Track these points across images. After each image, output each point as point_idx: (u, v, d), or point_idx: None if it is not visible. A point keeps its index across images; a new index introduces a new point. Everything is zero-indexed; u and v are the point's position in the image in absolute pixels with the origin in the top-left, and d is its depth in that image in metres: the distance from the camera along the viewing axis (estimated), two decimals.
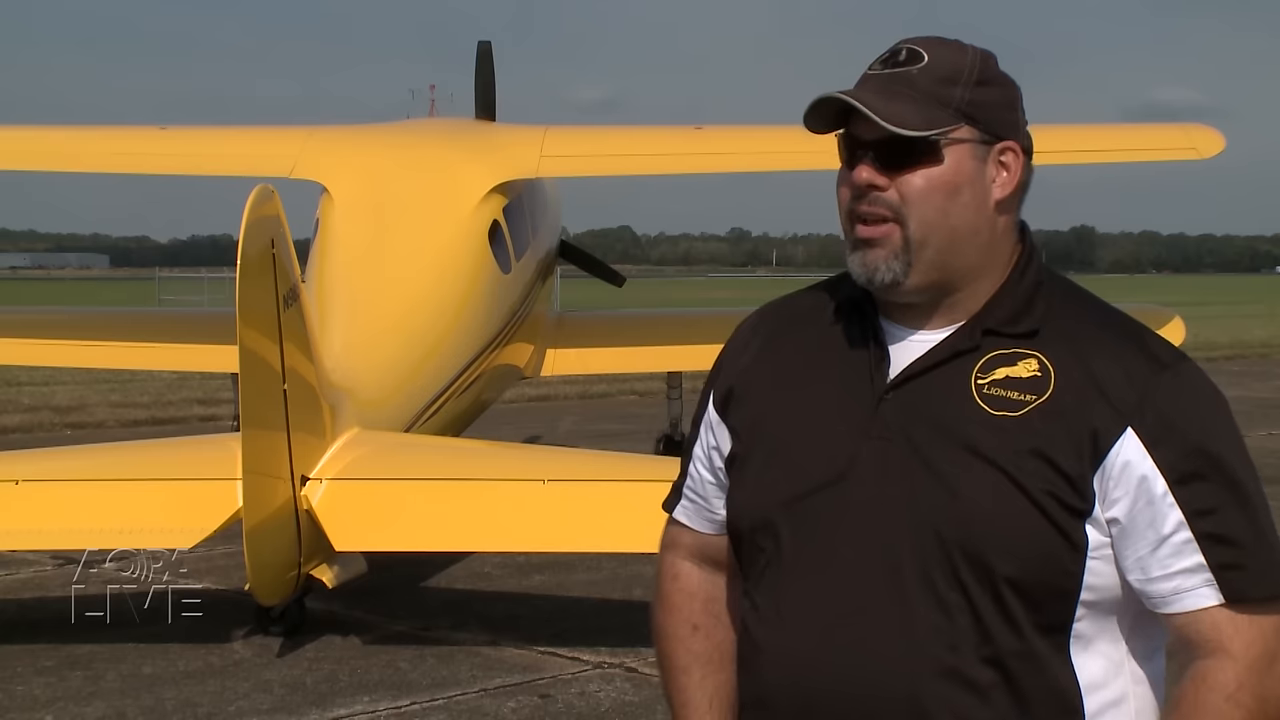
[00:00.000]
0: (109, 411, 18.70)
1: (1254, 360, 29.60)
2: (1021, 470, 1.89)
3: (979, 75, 1.97)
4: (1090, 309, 2.02)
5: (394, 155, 10.77)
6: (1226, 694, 1.85)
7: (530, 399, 19.15)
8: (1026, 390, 1.92)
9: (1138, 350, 1.95)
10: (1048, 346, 1.95)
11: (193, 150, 11.77)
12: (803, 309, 2.13)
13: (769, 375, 2.08)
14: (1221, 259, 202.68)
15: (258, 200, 6.81)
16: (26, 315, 15.03)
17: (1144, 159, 11.81)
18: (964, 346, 1.97)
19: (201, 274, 57.06)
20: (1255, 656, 1.87)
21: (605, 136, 13.01)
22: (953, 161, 1.95)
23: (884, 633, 1.92)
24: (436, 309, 9.35)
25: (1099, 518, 1.90)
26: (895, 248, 1.95)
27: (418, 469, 7.86)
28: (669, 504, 2.24)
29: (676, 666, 2.17)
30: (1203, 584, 1.88)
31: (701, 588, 2.18)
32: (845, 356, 2.03)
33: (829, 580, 1.95)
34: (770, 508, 2.01)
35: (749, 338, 2.15)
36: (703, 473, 2.16)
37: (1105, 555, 1.91)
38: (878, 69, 1.98)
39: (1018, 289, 2.00)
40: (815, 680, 1.95)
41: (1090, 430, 1.89)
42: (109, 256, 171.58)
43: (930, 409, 1.95)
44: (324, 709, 6.68)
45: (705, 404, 2.16)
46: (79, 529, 7.48)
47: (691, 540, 2.20)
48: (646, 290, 54.17)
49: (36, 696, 6.89)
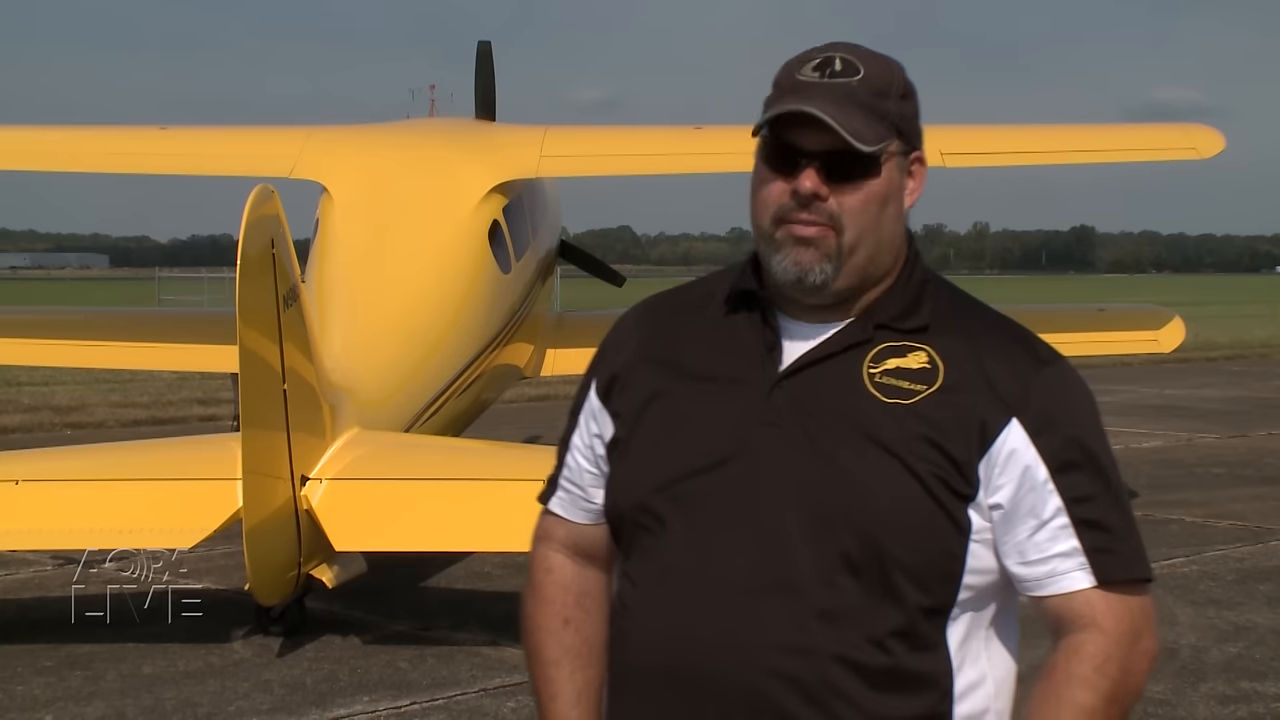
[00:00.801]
0: (109, 411, 18.71)
1: (1254, 360, 29.64)
2: (914, 455, 1.97)
3: (902, 88, 2.06)
4: (975, 309, 2.12)
5: (394, 155, 10.77)
6: (1095, 665, 1.97)
7: (530, 399, 19.15)
8: (917, 380, 2.01)
9: (1022, 348, 2.06)
10: (936, 341, 2.05)
11: (193, 150, 11.76)
12: (690, 300, 2.18)
13: (655, 362, 2.12)
14: (1221, 259, 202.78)
15: (258, 200, 6.81)
16: (26, 315, 15.02)
17: (1144, 159, 11.81)
18: (857, 339, 2.05)
19: (201, 274, 57.07)
20: (1123, 632, 1.99)
21: (605, 136, 13.01)
22: (887, 174, 2.04)
23: (771, 613, 1.96)
24: (436, 309, 9.35)
25: (982, 503, 1.99)
26: (829, 250, 2.02)
27: (418, 469, 7.86)
28: (544, 496, 2.26)
29: (547, 659, 2.19)
30: (1077, 567, 2.00)
31: (575, 581, 2.21)
32: (736, 345, 2.08)
33: (716, 560, 1.99)
34: (656, 487, 2.04)
35: (632, 329, 2.19)
36: (581, 463, 2.20)
37: (985, 539, 2.00)
38: (814, 76, 2.01)
39: (907, 287, 2.09)
40: (698, 659, 1.98)
41: (978, 420, 1.98)
42: (109, 256, 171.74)
43: (823, 397, 2.02)
44: (324, 709, 6.68)
45: (585, 394, 2.19)
46: (79, 529, 7.48)
47: (566, 532, 2.23)
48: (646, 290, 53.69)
49: (36, 696, 6.89)
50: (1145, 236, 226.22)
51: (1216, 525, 11.19)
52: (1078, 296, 56.98)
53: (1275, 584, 9.16)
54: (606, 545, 2.20)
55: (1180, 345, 12.03)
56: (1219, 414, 19.32)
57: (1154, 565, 2.09)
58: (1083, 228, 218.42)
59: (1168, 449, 15.85)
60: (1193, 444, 16.31)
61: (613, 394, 2.14)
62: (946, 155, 10.65)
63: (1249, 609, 8.46)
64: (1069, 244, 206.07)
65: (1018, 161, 11.73)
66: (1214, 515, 11.60)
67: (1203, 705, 6.62)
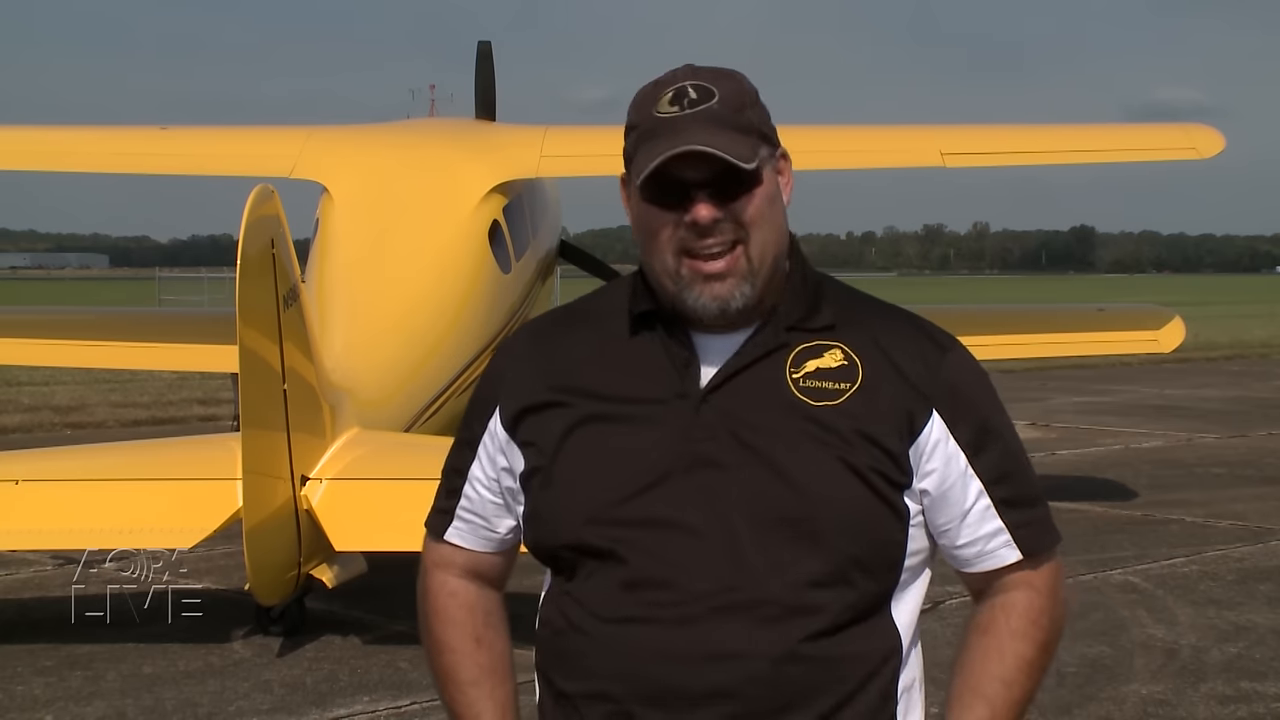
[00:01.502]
0: (109, 411, 18.71)
1: (1254, 360, 29.64)
2: (849, 451, 2.03)
3: (753, 97, 2.11)
4: (870, 303, 2.19)
5: (394, 155, 10.77)
6: (1031, 618, 2.13)
7: None
8: (839, 379, 2.07)
9: (924, 337, 2.15)
10: (845, 338, 2.11)
11: (193, 150, 11.76)
12: (586, 321, 2.18)
13: (565, 390, 2.11)
14: (1221, 259, 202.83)
15: (258, 200, 6.81)
16: (26, 315, 15.03)
17: (1144, 159, 11.81)
18: (773, 344, 2.09)
19: (202, 274, 57.04)
20: (1048, 588, 2.16)
21: (605, 136, 12.96)
22: (767, 178, 2.09)
23: (729, 618, 1.99)
24: (436, 309, 9.34)
25: (914, 489, 2.08)
26: (743, 272, 2.06)
27: (418, 469, 7.81)
28: (437, 527, 2.26)
29: (463, 680, 2.21)
30: (1003, 544, 2.13)
31: (479, 602, 2.24)
32: (649, 365, 2.09)
33: (671, 575, 2.00)
34: (593, 515, 2.04)
35: (527, 357, 2.18)
36: (484, 494, 2.20)
37: (919, 523, 2.11)
38: (674, 110, 2.03)
39: (804, 287, 2.14)
40: (662, 667, 2.00)
41: (905, 411, 2.07)
42: (109, 256, 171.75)
43: (752, 406, 2.05)
44: (324, 709, 6.68)
45: (484, 425, 2.18)
46: (79, 529, 7.47)
47: (465, 559, 2.24)
48: None
49: (36, 696, 6.89)
50: (1145, 236, 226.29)
51: (1217, 525, 11.18)
52: (1078, 296, 56.99)
53: (1275, 584, 9.16)
54: (503, 571, 2.26)
55: (1180, 345, 12.03)
56: (1219, 414, 19.31)
57: (1154, 565, 2.12)
58: (1083, 228, 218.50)
59: (1168, 449, 15.84)
60: (1193, 444, 16.31)
61: (521, 425, 2.13)
62: (946, 155, 10.65)
63: (1249, 609, 8.45)
64: (1069, 244, 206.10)
65: (1018, 161, 11.73)
66: (1214, 515, 11.59)
67: (1203, 705, 6.62)
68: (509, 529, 2.21)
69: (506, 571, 2.27)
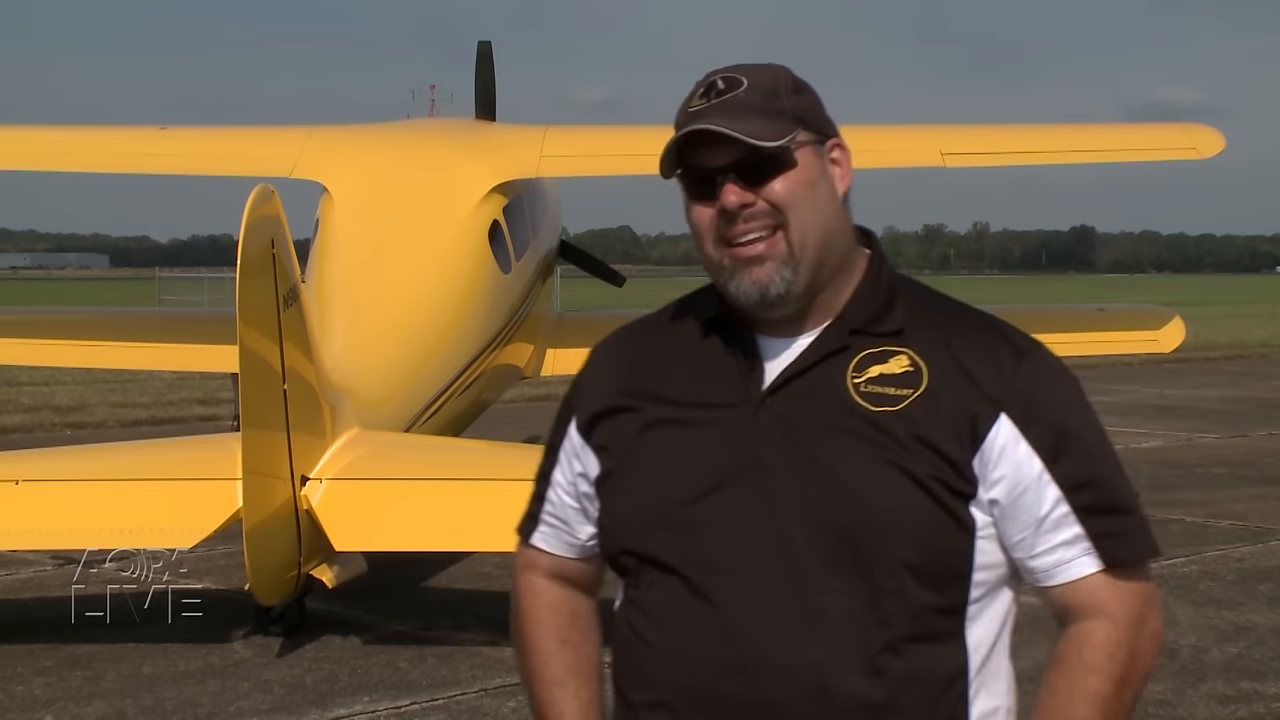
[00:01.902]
0: (109, 411, 18.72)
1: (1254, 360, 29.65)
2: (908, 459, 1.97)
3: (793, 85, 2.08)
4: (946, 304, 2.12)
5: (394, 155, 10.77)
6: (1106, 652, 1.99)
7: (530, 399, 19.14)
8: (902, 385, 2.01)
9: (999, 339, 2.07)
10: (914, 342, 2.04)
11: (193, 150, 11.76)
12: (665, 328, 2.17)
13: (639, 395, 2.11)
14: (1222, 259, 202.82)
15: (258, 200, 6.81)
16: (26, 315, 15.03)
17: (1144, 159, 11.80)
18: (834, 347, 2.05)
19: (202, 274, 57.07)
20: (1129, 616, 2.01)
21: (605, 136, 13.00)
22: (804, 162, 2.05)
23: (784, 630, 1.96)
24: (436, 309, 9.34)
25: (982, 499, 1.99)
26: (782, 256, 2.02)
27: (418, 469, 7.86)
28: (525, 530, 2.26)
29: (550, 680, 2.19)
30: (1082, 553, 2.01)
31: (565, 604, 2.23)
32: (718, 368, 2.08)
33: (725, 585, 1.98)
34: (655, 522, 2.04)
35: (608, 362, 2.19)
36: (565, 499, 2.20)
37: (990, 535, 2.01)
38: (702, 104, 2.03)
39: (876, 289, 2.09)
40: (721, 679, 1.97)
41: (967, 417, 1.99)
42: (109, 256, 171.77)
43: (811, 411, 2.02)
44: (324, 709, 6.68)
45: (564, 430, 2.19)
46: (79, 529, 7.47)
47: (550, 563, 2.23)
48: (646, 290, 54.12)
49: (36, 696, 6.89)
50: (1145, 236, 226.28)
51: (1217, 525, 11.18)
52: (1078, 296, 56.98)
53: (1275, 584, 9.16)
54: (592, 576, 2.23)
55: (1180, 345, 12.02)
56: (1219, 414, 19.31)
57: (1154, 565, 2.09)
58: (1083, 228, 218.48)
59: (1168, 449, 15.85)
60: (1193, 444, 16.31)
61: (596, 430, 2.13)
62: (946, 155, 10.65)
63: (1249, 609, 8.46)
64: (1069, 244, 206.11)
65: (1018, 161, 11.73)
66: (1214, 515, 11.60)
67: (1203, 705, 6.62)
68: (589, 535, 2.19)
69: (596, 578, 2.24)
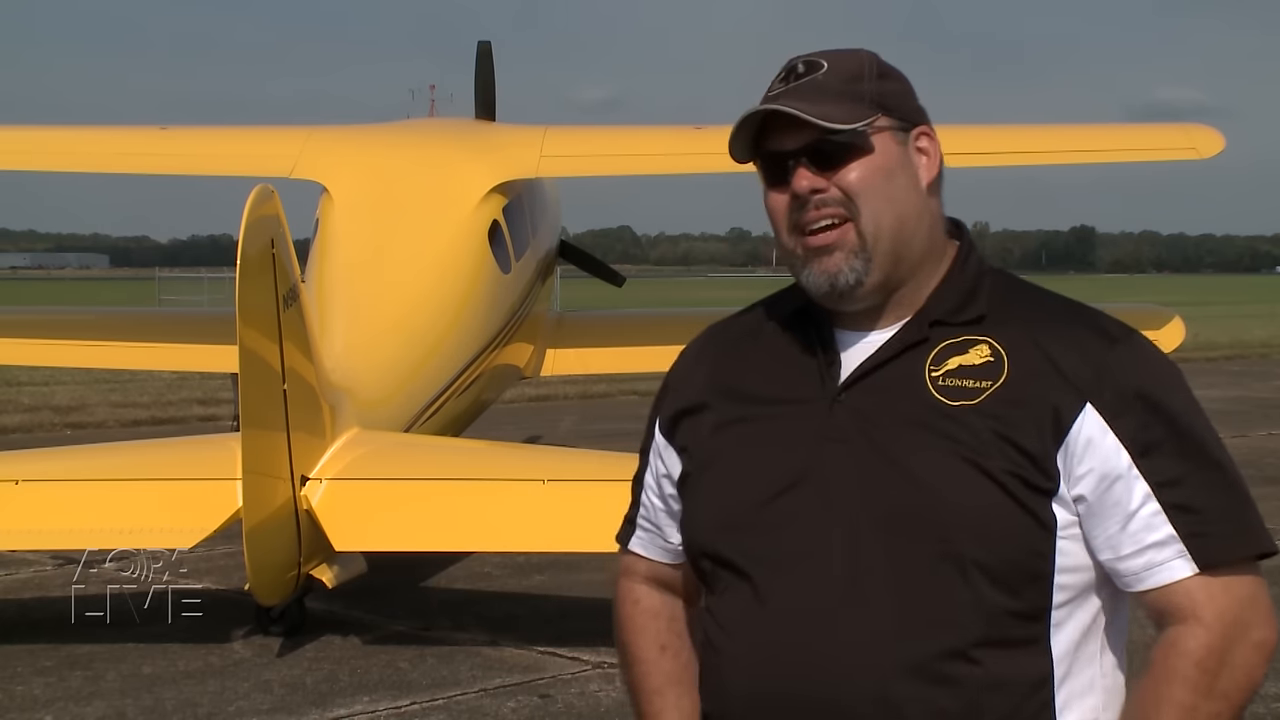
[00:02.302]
0: (109, 411, 18.71)
1: (1254, 360, 29.64)
2: (984, 454, 1.88)
3: (878, 70, 2.02)
4: (1035, 294, 2.04)
5: (394, 155, 10.77)
6: (1196, 660, 1.87)
7: (530, 399, 19.14)
8: (981, 377, 1.93)
9: (1088, 327, 1.97)
10: (996, 331, 1.96)
11: (193, 150, 11.76)
12: (748, 325, 2.13)
13: (718, 393, 2.07)
14: (1221, 259, 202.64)
15: (257, 200, 6.81)
16: (26, 315, 15.03)
17: (1144, 159, 11.80)
18: (913, 340, 1.98)
19: (201, 274, 57.03)
20: (1227, 624, 1.88)
21: (605, 136, 13.01)
22: (881, 148, 1.98)
23: (854, 633, 1.90)
24: (436, 309, 9.35)
25: (1065, 496, 1.90)
26: (852, 246, 1.96)
27: (417, 469, 7.86)
28: (623, 536, 2.23)
29: (650, 689, 2.15)
30: (1175, 555, 1.89)
31: (664, 609, 2.18)
32: (796, 364, 2.03)
33: (796, 583, 1.94)
34: (728, 522, 2.00)
35: (695, 361, 2.15)
36: (654, 501, 2.16)
37: (1074, 535, 1.91)
38: (780, 87, 1.99)
39: (961, 280, 2.02)
40: (786, 688, 1.93)
41: (1050, 408, 1.89)
42: (109, 256, 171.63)
43: (887, 405, 1.95)
44: (324, 709, 6.68)
45: (652, 431, 2.16)
46: (79, 529, 7.48)
47: (647, 568, 2.20)
48: (646, 290, 54.12)
49: (36, 696, 6.89)
50: (1145, 236, 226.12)
51: None
52: (1078, 296, 56.62)
53: (1275, 585, 9.14)
54: (687, 582, 2.17)
55: (1180, 345, 11.99)
56: (1219, 414, 19.16)
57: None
58: (1082, 228, 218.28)
59: None
60: None
61: (678, 430, 2.10)
62: (946, 155, 10.63)
63: None
64: (1069, 244, 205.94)
65: (1017, 161, 11.72)
66: None
67: None
68: (679, 541, 2.13)
69: (694, 583, 2.15)
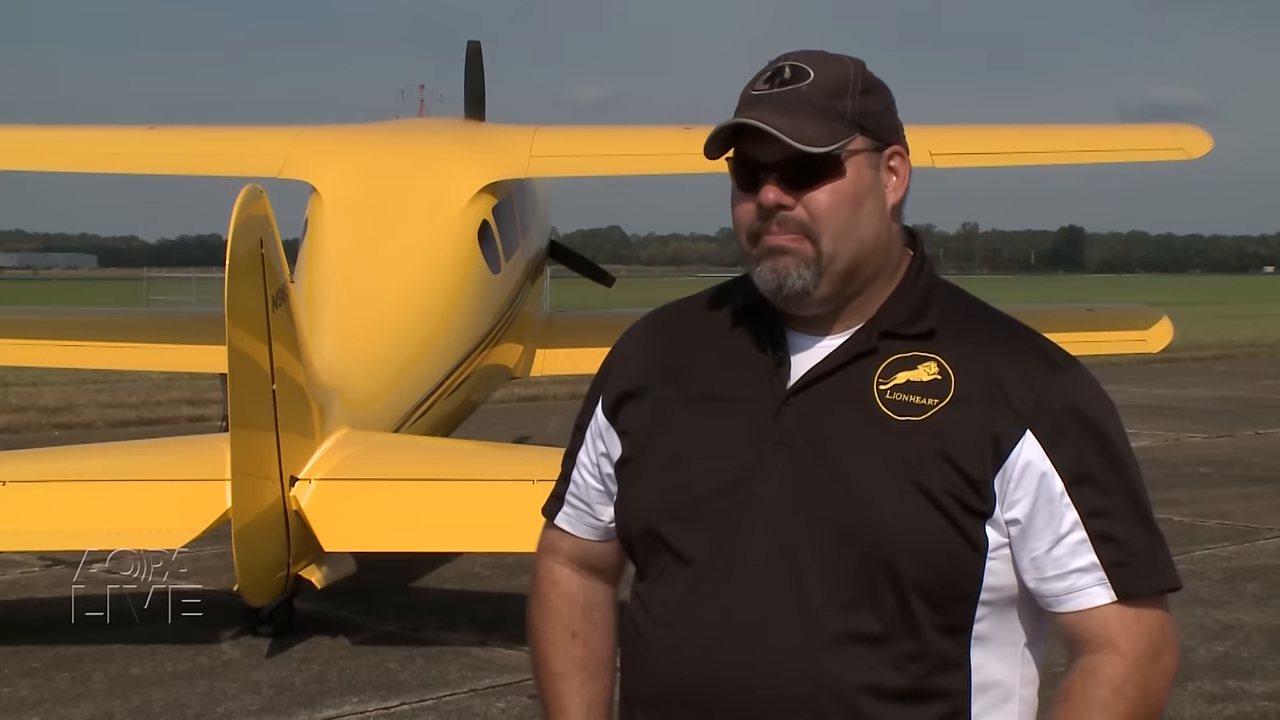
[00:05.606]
0: (97, 412, 18.65)
1: (1241, 360, 29.73)
2: (924, 472, 1.91)
3: (862, 85, 2.00)
4: (983, 313, 2.06)
5: (383, 155, 10.76)
6: (1113, 687, 1.91)
7: (520, 399, 19.13)
8: (928, 394, 1.95)
9: (1033, 353, 2.00)
10: (946, 349, 1.98)
11: (181, 150, 11.73)
12: (698, 314, 2.12)
13: (664, 380, 2.07)
14: (1209, 259, 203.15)
15: (246, 200, 6.80)
16: (14, 315, 14.98)
17: (1132, 159, 11.84)
18: (861, 349, 2.00)
19: (190, 274, 56.94)
20: (1140, 652, 1.93)
21: (595, 136, 13.01)
22: (854, 172, 1.97)
23: (783, 636, 1.92)
24: (426, 309, 9.34)
25: (999, 519, 1.93)
26: (806, 257, 1.97)
27: (407, 469, 7.85)
28: (549, 510, 2.23)
29: (554, 673, 2.17)
30: (1095, 582, 1.94)
31: (581, 594, 2.18)
32: (745, 361, 2.03)
33: (728, 583, 1.95)
34: (668, 510, 2.01)
35: (641, 343, 2.14)
36: (588, 480, 2.16)
37: (1003, 555, 1.95)
38: (765, 89, 1.98)
39: (912, 292, 2.03)
40: (712, 681, 1.94)
41: (992, 433, 1.92)
42: (97, 256, 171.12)
43: (832, 414, 1.97)
44: (313, 710, 6.67)
45: (592, 410, 2.15)
46: (67, 530, 7.46)
47: (571, 546, 2.20)
48: (636, 290, 54.04)
49: (24, 698, 6.87)
50: (1134, 237, 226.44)
51: (1204, 525, 11.21)
52: (1067, 296, 57.08)
53: (1262, 583, 9.19)
54: (612, 561, 2.19)
55: (1168, 345, 12.05)
56: (1206, 414, 19.35)
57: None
58: (1071, 228, 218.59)
59: (1155, 449, 15.86)
60: (1180, 444, 16.34)
61: (621, 412, 2.09)
62: (935, 155, 10.66)
63: (1236, 608, 8.48)
64: (1058, 244, 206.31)
65: (1006, 162, 11.75)
66: (1201, 515, 11.63)
67: (1190, 704, 6.64)
68: (611, 518, 2.14)
69: (618, 563, 2.19)
